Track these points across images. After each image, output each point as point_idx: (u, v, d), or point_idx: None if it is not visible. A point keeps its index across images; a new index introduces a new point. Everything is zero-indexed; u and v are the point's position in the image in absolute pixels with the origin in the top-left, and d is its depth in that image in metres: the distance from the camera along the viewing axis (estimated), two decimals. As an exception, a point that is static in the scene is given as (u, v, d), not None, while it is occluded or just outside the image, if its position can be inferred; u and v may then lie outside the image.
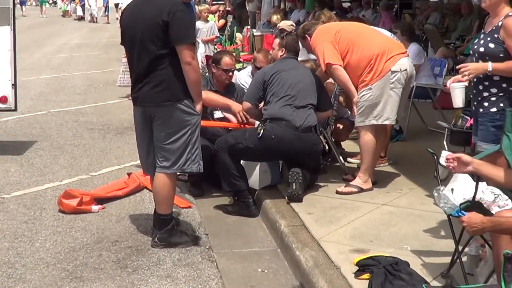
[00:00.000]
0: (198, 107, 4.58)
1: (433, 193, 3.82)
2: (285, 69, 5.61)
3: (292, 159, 5.54)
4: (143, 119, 4.66)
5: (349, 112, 6.36)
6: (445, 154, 4.09)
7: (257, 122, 5.72)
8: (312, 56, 6.31)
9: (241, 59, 11.32)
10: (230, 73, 6.21)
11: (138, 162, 5.30)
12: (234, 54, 9.56)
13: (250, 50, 13.50)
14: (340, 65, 5.55)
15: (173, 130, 4.52)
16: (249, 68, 7.22)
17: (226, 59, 6.12)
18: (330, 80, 6.08)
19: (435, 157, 3.97)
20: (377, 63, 5.46)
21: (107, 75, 13.79)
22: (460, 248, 3.80)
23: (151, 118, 4.58)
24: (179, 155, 4.55)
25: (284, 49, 5.88)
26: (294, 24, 9.63)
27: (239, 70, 8.11)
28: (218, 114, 6.14)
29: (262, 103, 5.72)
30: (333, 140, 6.39)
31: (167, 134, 4.53)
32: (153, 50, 4.46)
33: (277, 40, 6.14)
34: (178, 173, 4.84)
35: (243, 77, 6.85)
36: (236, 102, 5.91)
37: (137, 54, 4.55)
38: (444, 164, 3.65)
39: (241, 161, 5.57)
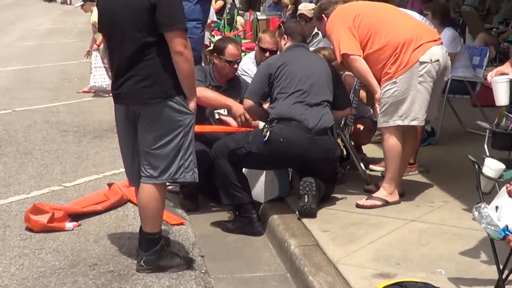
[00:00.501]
0: (192, 105, 4.58)
1: (472, 211, 3.78)
2: (294, 60, 5.61)
3: (304, 166, 5.54)
4: (126, 119, 4.67)
5: (371, 110, 6.36)
6: (489, 163, 4.01)
7: (262, 123, 5.72)
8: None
9: (242, 48, 11.33)
10: (235, 65, 6.14)
11: (120, 170, 5.33)
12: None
13: (254, 37, 13.48)
14: (359, 56, 5.55)
15: (162, 133, 4.52)
16: (252, 53, 7.14)
17: (231, 48, 6.06)
18: (350, 72, 6.09)
19: (477, 166, 3.94)
20: (403, 53, 5.45)
21: (83, 67, 13.81)
22: (505, 273, 3.79)
23: (136, 118, 4.59)
24: (169, 162, 4.54)
25: (286, 36, 5.87)
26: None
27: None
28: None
29: (268, 103, 5.72)
30: (353, 143, 6.39)
31: (155, 137, 4.53)
32: (138, 38, 4.45)
33: (277, 32, 6.13)
34: (168, 184, 4.84)
35: (245, 64, 6.79)
36: (238, 103, 5.88)
37: (118, 43, 4.54)
38: (491, 176, 3.57)
39: (244, 170, 5.58)
